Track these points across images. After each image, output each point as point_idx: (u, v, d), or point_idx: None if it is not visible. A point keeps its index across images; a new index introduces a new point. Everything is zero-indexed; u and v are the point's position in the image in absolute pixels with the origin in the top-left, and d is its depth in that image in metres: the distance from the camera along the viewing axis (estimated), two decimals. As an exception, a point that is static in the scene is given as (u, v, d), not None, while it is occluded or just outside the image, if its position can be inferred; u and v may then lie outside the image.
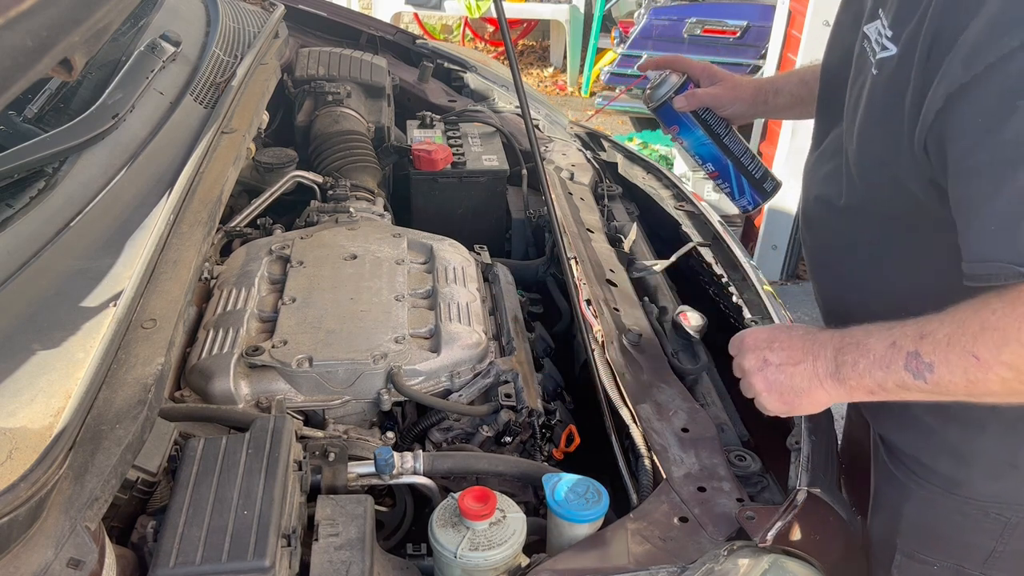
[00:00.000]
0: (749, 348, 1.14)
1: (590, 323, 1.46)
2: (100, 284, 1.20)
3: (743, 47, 5.59)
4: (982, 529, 1.19)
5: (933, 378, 0.96)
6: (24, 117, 1.55)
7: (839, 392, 1.05)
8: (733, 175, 1.57)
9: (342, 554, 1.03)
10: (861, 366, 1.01)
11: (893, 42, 1.03)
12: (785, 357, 1.09)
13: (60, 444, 0.92)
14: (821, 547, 1.12)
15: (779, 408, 1.11)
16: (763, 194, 1.58)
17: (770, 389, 1.10)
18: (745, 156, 1.57)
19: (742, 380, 1.16)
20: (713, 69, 1.57)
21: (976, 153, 0.91)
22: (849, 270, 1.26)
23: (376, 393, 1.34)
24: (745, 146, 1.58)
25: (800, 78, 1.52)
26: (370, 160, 2.09)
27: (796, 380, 1.08)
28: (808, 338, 1.09)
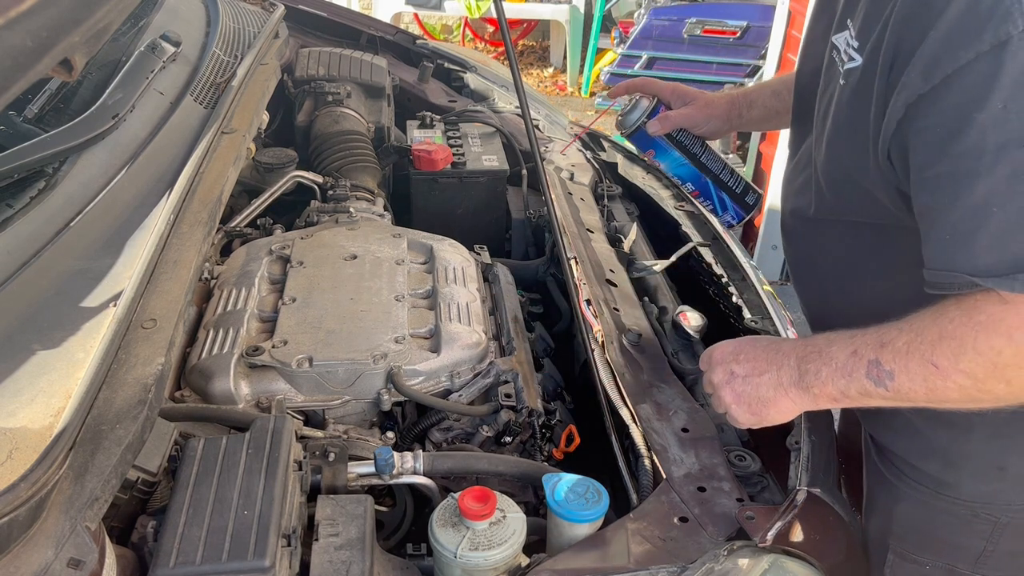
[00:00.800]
0: (716, 362, 1.15)
1: (590, 323, 1.46)
2: (100, 284, 1.20)
3: (743, 47, 5.59)
4: (972, 530, 1.20)
5: (894, 385, 0.97)
6: (24, 117, 1.55)
7: (804, 400, 1.07)
8: (714, 192, 1.58)
9: (342, 554, 1.03)
10: (824, 374, 1.03)
11: (859, 52, 1.04)
12: (750, 368, 1.11)
13: (60, 444, 0.92)
14: (821, 547, 1.12)
15: (748, 419, 1.12)
16: (746, 208, 1.58)
17: (738, 401, 1.11)
18: (724, 172, 1.57)
19: (712, 395, 1.17)
20: (683, 89, 1.57)
21: (934, 164, 0.93)
22: (827, 280, 1.27)
23: (376, 393, 1.34)
24: (723, 163, 1.58)
25: (773, 90, 1.52)
26: (370, 160, 2.09)
27: (762, 390, 1.09)
28: (772, 348, 1.11)
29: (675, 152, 1.55)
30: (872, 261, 1.17)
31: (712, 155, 1.56)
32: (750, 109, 1.54)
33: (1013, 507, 1.17)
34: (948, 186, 0.92)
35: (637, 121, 1.53)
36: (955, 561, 1.23)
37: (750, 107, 1.54)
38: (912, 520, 1.25)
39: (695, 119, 1.54)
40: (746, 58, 5.57)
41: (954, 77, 0.89)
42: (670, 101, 1.55)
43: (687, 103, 1.55)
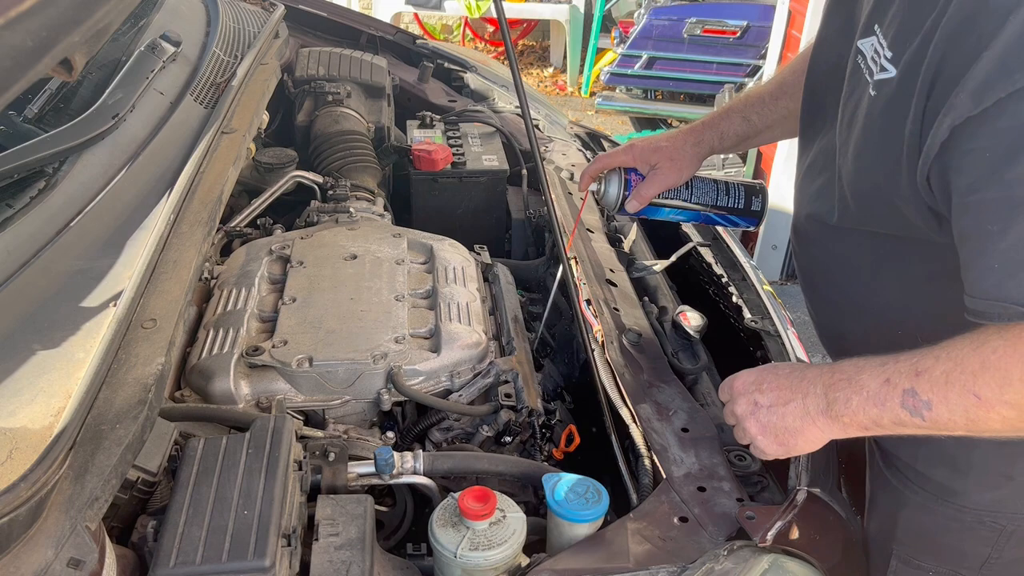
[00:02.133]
0: (739, 393, 1.12)
1: (590, 323, 1.46)
2: (100, 284, 1.20)
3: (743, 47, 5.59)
4: (978, 537, 1.19)
5: (931, 415, 0.94)
6: (24, 117, 1.55)
7: (833, 429, 1.03)
8: (718, 218, 1.54)
9: (342, 554, 1.03)
10: (854, 403, 1.00)
11: (892, 63, 1.00)
12: (775, 398, 1.08)
13: (60, 444, 0.92)
14: (821, 547, 1.12)
15: (775, 450, 1.09)
16: (755, 215, 1.53)
17: (764, 432, 1.08)
18: (720, 198, 1.52)
19: (736, 426, 1.13)
20: (646, 150, 1.48)
21: (982, 188, 0.89)
22: (842, 289, 1.24)
23: (376, 393, 1.34)
24: (714, 189, 1.52)
25: (742, 116, 1.47)
26: (370, 160, 2.09)
27: (788, 420, 1.06)
28: (796, 376, 1.08)
29: (664, 210, 1.52)
30: (892, 272, 1.14)
31: (700, 189, 1.51)
32: (722, 141, 1.48)
33: (1020, 515, 1.16)
34: (999, 212, 0.88)
35: (617, 199, 1.49)
36: (959, 567, 1.22)
37: (721, 139, 1.48)
38: (916, 525, 1.24)
39: (667, 181, 1.48)
40: (746, 58, 5.56)
41: (1008, 101, 0.85)
42: (637, 166, 1.49)
43: (653, 164, 1.47)
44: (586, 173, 1.53)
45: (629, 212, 1.51)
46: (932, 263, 1.03)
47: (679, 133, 1.49)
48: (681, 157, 1.47)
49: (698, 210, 1.52)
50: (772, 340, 1.54)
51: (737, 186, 1.53)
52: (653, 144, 1.48)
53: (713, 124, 1.49)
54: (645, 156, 1.48)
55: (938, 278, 1.00)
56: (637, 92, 6.14)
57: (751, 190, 1.53)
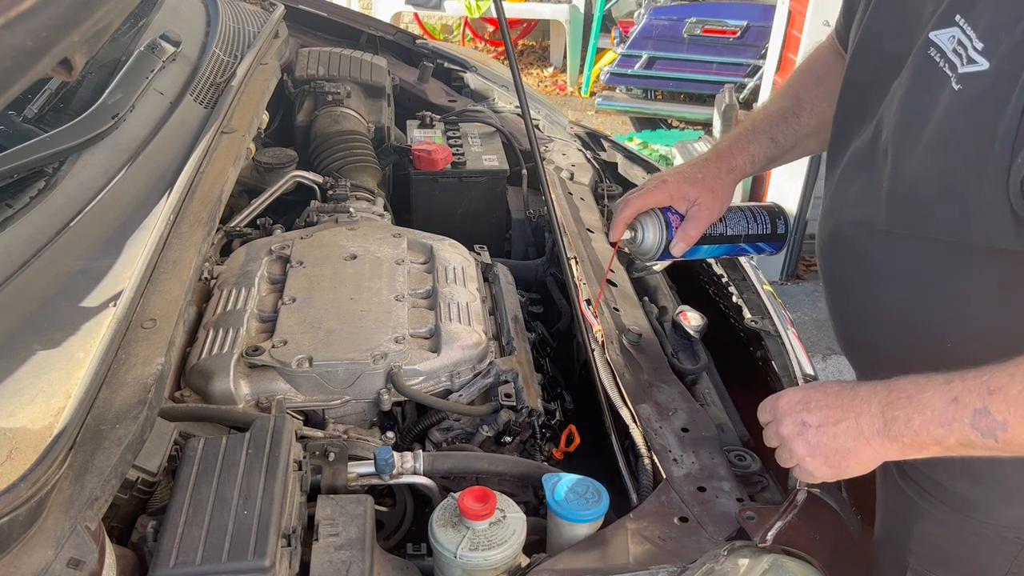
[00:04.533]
0: (784, 412, 1.06)
1: (590, 323, 1.46)
2: (100, 284, 1.20)
3: (743, 47, 5.60)
4: (998, 551, 1.16)
5: (1006, 436, 0.89)
6: (24, 117, 1.55)
7: (890, 449, 0.98)
8: (748, 248, 1.45)
9: (342, 554, 1.03)
10: (916, 423, 0.94)
11: (984, 56, 0.92)
12: (824, 417, 1.02)
13: (60, 444, 0.92)
14: (821, 547, 1.12)
15: (825, 473, 1.04)
16: (781, 239, 1.46)
17: (813, 453, 1.03)
18: (751, 226, 1.42)
19: (779, 448, 1.07)
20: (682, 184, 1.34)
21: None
22: (881, 298, 1.16)
23: (376, 393, 1.34)
24: (744, 217, 1.42)
25: (769, 137, 1.39)
26: (370, 160, 2.09)
27: (839, 440, 1.01)
28: (846, 394, 1.02)
29: (703, 247, 1.40)
30: (946, 281, 1.07)
31: (733, 220, 1.41)
32: (753, 165, 1.39)
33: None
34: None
35: (659, 246, 1.35)
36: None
37: (753, 163, 1.39)
38: (933, 539, 1.21)
39: (711, 215, 1.36)
40: (746, 58, 5.57)
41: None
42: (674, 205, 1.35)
43: (693, 200, 1.34)
44: (617, 220, 1.35)
45: (674, 256, 1.37)
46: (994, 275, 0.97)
47: (709, 161, 1.38)
48: (720, 188, 1.36)
49: (733, 243, 1.42)
50: (772, 340, 1.54)
51: (759, 210, 1.45)
52: (687, 176, 1.35)
53: (743, 148, 1.39)
54: (683, 191, 1.34)
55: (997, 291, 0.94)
56: (637, 92, 6.15)
57: (773, 213, 1.45)
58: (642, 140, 5.41)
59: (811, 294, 4.10)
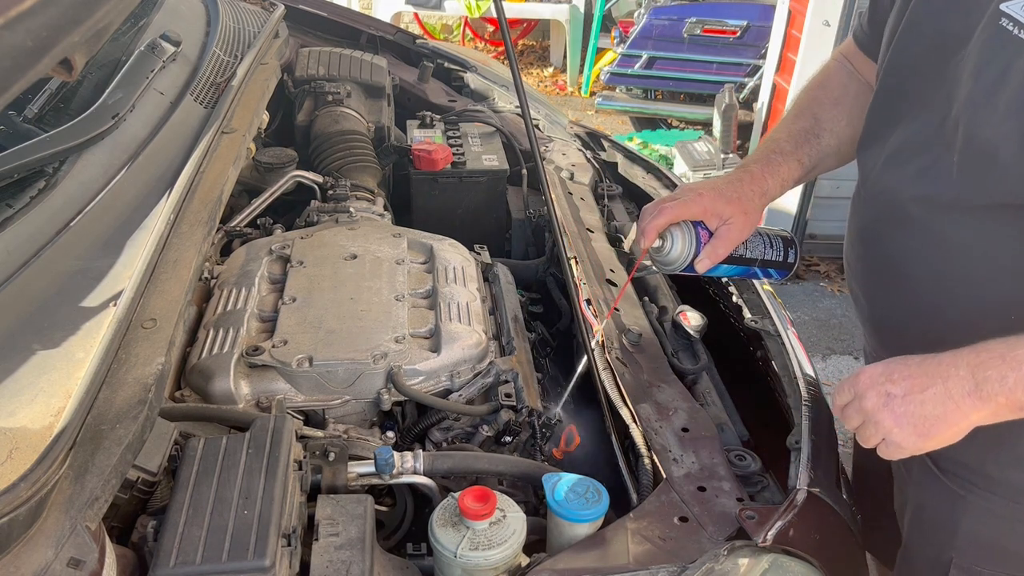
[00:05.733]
0: (866, 387, 1.05)
1: (590, 323, 1.46)
2: (100, 284, 1.20)
3: (743, 47, 5.60)
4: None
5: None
6: (24, 117, 1.55)
7: (982, 411, 0.98)
8: (759, 272, 1.45)
9: (342, 554, 1.03)
10: (1011, 380, 0.95)
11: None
12: (909, 386, 1.02)
13: (60, 444, 0.92)
14: (821, 547, 1.12)
15: (913, 442, 1.02)
16: (790, 268, 1.45)
17: (900, 423, 1.02)
18: (767, 250, 1.41)
19: (862, 426, 1.06)
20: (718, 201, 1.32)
21: None
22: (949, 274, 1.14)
23: (376, 393, 1.34)
24: (762, 242, 1.41)
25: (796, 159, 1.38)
26: (370, 160, 2.09)
27: (928, 407, 1.00)
28: (930, 362, 1.02)
29: (723, 266, 1.38)
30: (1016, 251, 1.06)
31: (753, 243, 1.40)
32: (782, 188, 1.38)
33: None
34: None
35: (687, 260, 1.33)
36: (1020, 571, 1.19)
37: (782, 186, 1.38)
38: (982, 533, 1.20)
39: (740, 236, 1.34)
40: (746, 58, 5.57)
41: None
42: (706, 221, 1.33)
43: (725, 220, 1.32)
44: (650, 227, 1.32)
45: (697, 272, 1.35)
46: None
47: (743, 182, 1.35)
48: (752, 210, 1.34)
49: (748, 265, 1.41)
50: (772, 340, 1.54)
51: (776, 237, 1.44)
52: (723, 194, 1.32)
53: (774, 171, 1.37)
54: (717, 208, 1.31)
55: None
56: (637, 92, 6.15)
57: (787, 241, 1.45)
58: (642, 140, 5.41)
59: (811, 294, 4.10)
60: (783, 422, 1.38)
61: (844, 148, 1.39)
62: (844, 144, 1.38)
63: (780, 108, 4.30)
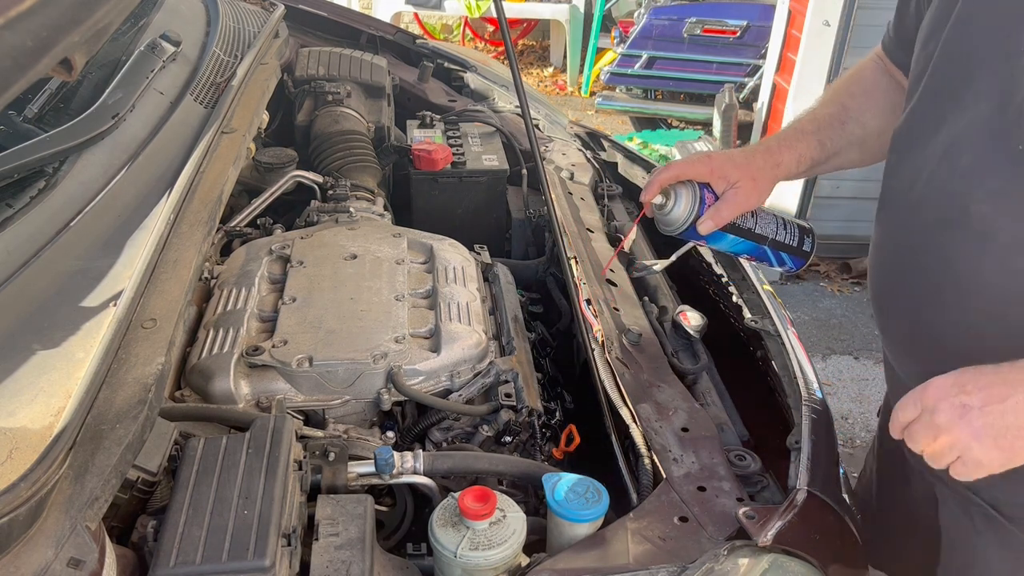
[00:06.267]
0: (936, 399, 0.97)
1: (590, 323, 1.46)
2: (100, 284, 1.20)
3: (743, 47, 5.60)
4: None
5: None
6: (24, 117, 1.55)
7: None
8: (771, 254, 1.41)
9: (342, 554, 1.03)
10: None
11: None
12: (987, 396, 0.94)
13: (60, 444, 0.92)
14: (821, 547, 1.12)
15: (996, 457, 0.95)
16: (804, 256, 1.42)
17: (979, 437, 0.94)
18: (779, 232, 1.38)
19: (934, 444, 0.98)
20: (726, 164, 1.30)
21: None
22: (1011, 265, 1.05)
23: (376, 393, 1.34)
24: (775, 222, 1.39)
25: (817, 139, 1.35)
26: (370, 160, 2.09)
27: (1009, 418, 0.93)
28: (1005, 371, 0.96)
29: (729, 236, 1.35)
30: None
31: (763, 220, 1.37)
32: (798, 165, 1.35)
33: None
34: None
35: (688, 218, 1.30)
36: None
37: (798, 163, 1.35)
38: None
39: (747, 203, 1.31)
40: (746, 57, 5.57)
41: None
42: (712, 183, 1.31)
43: (733, 183, 1.30)
44: (654, 181, 1.31)
45: (700, 234, 1.33)
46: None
47: (755, 152, 1.34)
48: (762, 178, 1.32)
49: (758, 242, 1.38)
50: (772, 340, 1.54)
51: (792, 223, 1.42)
52: (732, 158, 1.31)
53: (790, 146, 1.34)
54: (725, 171, 1.30)
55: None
56: (637, 92, 6.15)
57: (804, 230, 1.42)
58: (642, 140, 5.41)
59: (811, 294, 4.10)
60: (783, 422, 1.38)
61: (870, 141, 1.35)
62: (870, 136, 1.35)
63: (780, 108, 4.30)
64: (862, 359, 3.71)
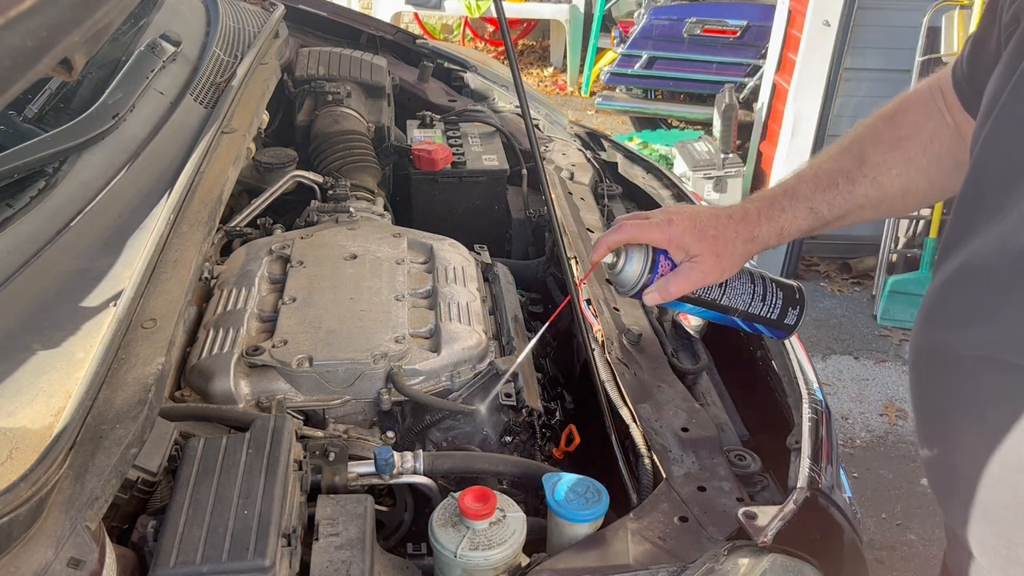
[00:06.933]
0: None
1: (590, 323, 1.46)
2: (100, 284, 1.20)
3: (743, 47, 5.60)
4: None
5: None
6: (24, 117, 1.55)
7: None
8: (745, 325, 1.26)
9: (342, 554, 1.03)
10: None
11: None
12: None
13: (60, 444, 0.92)
14: (821, 547, 1.12)
15: None
16: (786, 329, 1.26)
17: None
18: (753, 303, 1.22)
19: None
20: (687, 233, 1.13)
21: None
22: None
23: (376, 393, 1.34)
24: (750, 292, 1.22)
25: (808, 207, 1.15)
26: (370, 160, 2.09)
27: None
28: None
29: (687, 306, 1.21)
30: None
31: (734, 290, 1.21)
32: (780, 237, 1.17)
33: None
34: None
35: (636, 283, 1.17)
36: None
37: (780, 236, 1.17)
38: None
39: (704, 279, 1.16)
40: (746, 58, 5.57)
41: None
42: (672, 253, 1.16)
43: (692, 256, 1.14)
44: (602, 241, 1.18)
45: (646, 303, 1.22)
46: None
47: (730, 219, 1.15)
48: (728, 254, 1.15)
49: (725, 312, 1.22)
50: (772, 340, 1.54)
51: (776, 291, 1.23)
52: (697, 226, 1.14)
53: (773, 216, 1.16)
54: (684, 242, 1.14)
55: None
56: (637, 92, 6.15)
57: (790, 298, 1.23)
58: (642, 140, 5.41)
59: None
60: (783, 422, 1.37)
61: (890, 203, 1.15)
62: (890, 198, 1.14)
63: (780, 108, 4.30)
64: (862, 359, 3.71)
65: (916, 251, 3.93)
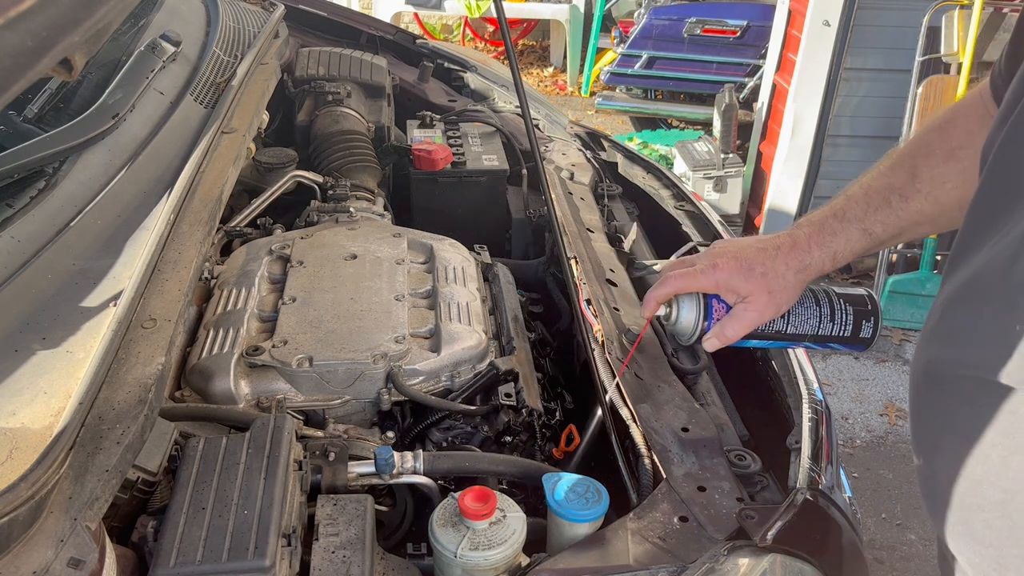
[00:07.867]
0: None
1: (590, 323, 1.46)
2: (100, 284, 1.20)
3: (743, 47, 5.60)
4: None
5: None
6: (24, 117, 1.55)
7: None
8: (819, 347, 1.23)
9: (342, 554, 1.03)
10: None
11: None
12: None
13: (60, 444, 0.92)
14: (821, 547, 1.12)
15: None
16: (863, 343, 1.22)
17: None
18: (823, 325, 1.18)
19: None
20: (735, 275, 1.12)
21: None
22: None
23: (376, 393, 1.34)
24: (816, 314, 1.18)
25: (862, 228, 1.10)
26: (370, 160, 2.09)
27: None
28: None
29: (753, 342, 1.20)
30: None
31: (799, 316, 1.17)
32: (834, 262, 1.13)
33: None
34: None
35: (694, 331, 1.17)
36: None
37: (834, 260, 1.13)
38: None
39: (761, 317, 1.13)
40: (746, 58, 5.58)
41: None
42: (723, 296, 1.15)
43: (743, 297, 1.12)
44: (650, 297, 1.17)
45: (707, 350, 1.23)
46: None
47: (778, 251, 1.12)
48: (780, 288, 1.12)
49: (794, 340, 1.20)
50: (772, 340, 1.54)
51: (844, 306, 1.19)
52: (744, 265, 1.12)
53: (825, 241, 1.12)
54: (733, 284, 1.12)
55: None
56: (637, 92, 6.15)
57: (862, 311, 1.19)
58: (642, 140, 5.42)
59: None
60: (783, 422, 1.38)
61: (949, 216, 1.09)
62: (947, 212, 1.09)
63: (780, 108, 4.30)
64: (862, 359, 3.71)
65: (916, 251, 3.93)
